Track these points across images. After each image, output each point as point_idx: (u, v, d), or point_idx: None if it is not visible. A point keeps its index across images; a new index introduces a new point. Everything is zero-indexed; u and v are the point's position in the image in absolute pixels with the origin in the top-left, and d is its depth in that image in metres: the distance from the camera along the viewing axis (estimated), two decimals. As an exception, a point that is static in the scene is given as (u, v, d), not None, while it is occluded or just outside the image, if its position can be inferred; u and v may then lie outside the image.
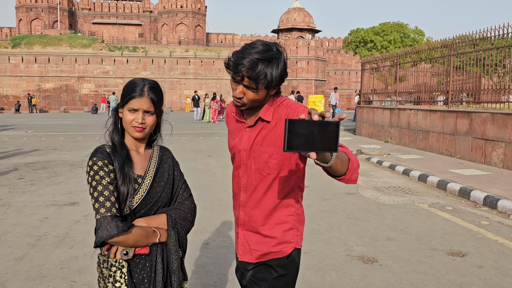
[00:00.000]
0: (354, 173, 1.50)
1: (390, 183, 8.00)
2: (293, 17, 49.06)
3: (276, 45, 1.66)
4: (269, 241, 1.82)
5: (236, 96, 1.67)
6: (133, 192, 1.65)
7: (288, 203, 1.82)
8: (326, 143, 1.20)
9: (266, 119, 1.73)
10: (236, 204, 1.95)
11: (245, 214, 1.86)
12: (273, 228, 1.81)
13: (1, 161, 10.33)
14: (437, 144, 11.18)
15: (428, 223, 5.42)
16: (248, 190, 1.84)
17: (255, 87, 1.61)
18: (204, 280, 3.66)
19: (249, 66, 1.57)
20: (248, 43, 1.67)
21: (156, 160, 1.78)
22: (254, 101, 1.68)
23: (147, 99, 1.66)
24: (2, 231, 4.95)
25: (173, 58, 48.18)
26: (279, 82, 1.67)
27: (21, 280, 3.63)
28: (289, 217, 1.83)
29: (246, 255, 1.87)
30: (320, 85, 46.95)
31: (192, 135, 17.38)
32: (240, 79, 1.62)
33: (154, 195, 1.70)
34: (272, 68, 1.60)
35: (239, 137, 1.82)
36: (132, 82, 1.70)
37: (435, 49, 12.02)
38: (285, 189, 1.79)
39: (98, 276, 1.74)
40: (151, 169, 1.74)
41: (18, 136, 16.71)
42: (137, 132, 1.68)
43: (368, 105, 16.25)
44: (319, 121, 1.17)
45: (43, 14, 58.59)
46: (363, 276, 3.77)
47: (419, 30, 36.71)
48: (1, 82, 45.41)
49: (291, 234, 1.84)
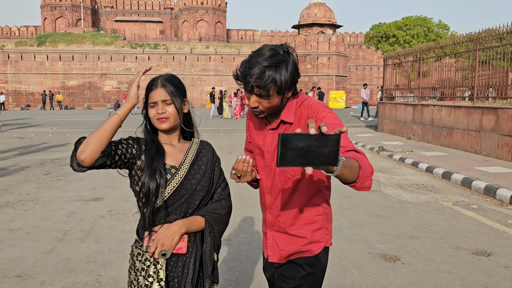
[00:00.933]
0: (367, 180, 1.43)
1: (413, 180, 7.89)
2: (314, 12, 48.65)
3: (283, 47, 1.63)
4: (298, 241, 1.81)
5: (252, 106, 1.66)
6: (164, 183, 1.66)
7: (316, 203, 1.80)
8: (325, 157, 1.14)
9: (288, 121, 1.72)
10: (262, 205, 1.94)
11: (272, 216, 1.85)
12: (302, 228, 1.80)
13: (29, 156, 10.63)
14: (462, 141, 10.96)
15: (452, 221, 5.33)
16: (273, 193, 1.82)
17: (266, 95, 1.59)
18: (227, 276, 3.69)
19: (257, 76, 1.55)
20: (254, 51, 1.65)
21: (193, 153, 1.78)
22: (270, 108, 1.66)
23: (161, 89, 1.68)
24: (30, 225, 5.11)
25: (194, 54, 48.49)
26: (292, 85, 1.63)
27: (49, 273, 3.74)
28: (318, 216, 1.81)
29: (275, 256, 1.86)
30: (341, 81, 46.51)
31: (212, 131, 17.48)
32: (251, 89, 1.61)
33: (188, 187, 1.70)
34: (281, 72, 1.56)
35: (262, 139, 1.81)
36: (150, 80, 1.75)
37: (460, 44, 11.75)
38: (311, 190, 1.77)
39: (129, 267, 1.76)
40: (187, 161, 1.75)
41: (44, 133, 17.14)
42: (162, 123, 1.69)
43: (391, 101, 16.03)
44: (316, 135, 1.12)
45: (67, 12, 59.75)
46: (385, 274, 3.74)
47: (443, 24, 35.94)
48: (27, 80, 46.56)
49: (320, 233, 1.83)
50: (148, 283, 1.65)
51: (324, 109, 1.66)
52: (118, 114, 1.59)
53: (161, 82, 1.70)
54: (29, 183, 7.47)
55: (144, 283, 1.66)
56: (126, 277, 3.55)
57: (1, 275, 3.67)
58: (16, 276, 3.66)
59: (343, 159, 1.25)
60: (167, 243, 1.64)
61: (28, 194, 6.68)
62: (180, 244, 1.67)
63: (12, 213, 5.59)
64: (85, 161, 1.51)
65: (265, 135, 1.79)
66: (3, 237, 4.66)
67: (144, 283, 1.66)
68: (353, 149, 1.50)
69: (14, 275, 3.68)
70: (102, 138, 1.53)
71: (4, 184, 7.37)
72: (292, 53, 1.64)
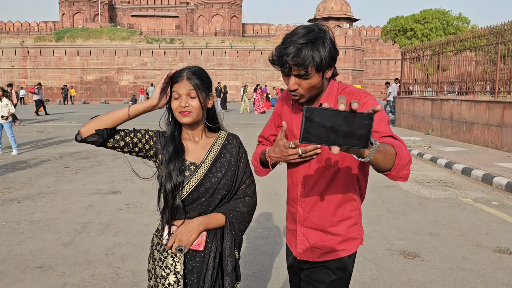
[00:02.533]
0: (403, 169, 1.32)
1: (432, 176, 7.77)
2: (330, 5, 48.19)
3: (318, 25, 1.55)
4: (333, 239, 1.71)
5: (291, 89, 1.56)
6: (181, 182, 1.63)
7: (351, 197, 1.70)
8: (354, 138, 1.02)
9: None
10: (292, 198, 1.81)
11: (304, 210, 1.73)
12: (337, 224, 1.70)
13: (48, 150, 10.80)
14: (482, 136, 10.74)
15: (472, 218, 5.23)
16: (307, 184, 1.71)
17: (305, 73, 1.50)
18: (244, 271, 3.69)
19: (293, 54, 1.47)
20: (288, 33, 1.56)
21: (217, 149, 1.73)
22: (310, 89, 1.57)
23: (187, 82, 1.63)
24: (50, 217, 5.19)
25: (209, 49, 48.53)
26: (331, 62, 1.53)
27: (69, 264, 3.79)
28: (353, 212, 1.72)
29: (306, 254, 1.76)
30: (358, 75, 46.06)
31: (228, 126, 17.47)
32: (288, 70, 1.52)
33: (208, 185, 1.66)
34: (318, 48, 1.48)
35: (297, 127, 1.70)
36: (176, 72, 1.69)
37: (480, 37, 11.49)
38: (348, 182, 1.68)
39: (148, 255, 1.76)
40: (209, 158, 1.70)
41: (62, 127, 17.40)
42: (184, 117, 1.64)
43: (408, 95, 15.79)
44: (346, 111, 1.01)
45: (84, 8, 60.35)
46: (404, 271, 3.69)
47: (463, 17, 35.25)
48: (46, 75, 47.27)
49: (355, 230, 1.74)
50: (165, 274, 1.65)
51: (367, 96, 1.58)
52: (129, 108, 1.61)
53: (187, 75, 1.64)
54: (49, 176, 7.59)
55: (160, 274, 1.66)
56: (144, 270, 3.58)
57: (23, 266, 3.74)
58: (37, 267, 3.72)
59: (377, 143, 1.15)
60: (185, 239, 1.62)
61: (47, 187, 6.79)
62: (198, 240, 1.65)
63: (32, 206, 5.69)
64: (81, 133, 1.60)
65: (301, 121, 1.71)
66: (24, 229, 4.74)
67: (161, 274, 1.65)
68: (391, 135, 1.40)
69: (35, 266, 3.74)
70: (101, 119, 1.61)
71: (25, 177, 7.50)
72: (327, 30, 1.55)
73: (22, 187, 6.77)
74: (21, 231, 4.67)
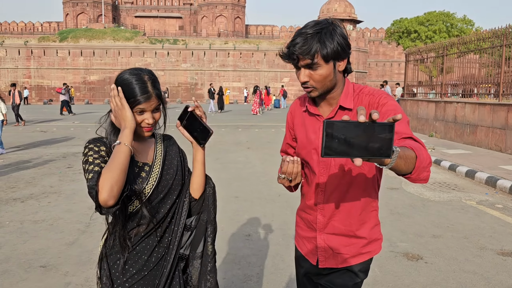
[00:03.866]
0: (424, 171, 1.31)
1: (435, 178, 7.75)
2: (334, 7, 48.19)
3: (328, 19, 1.55)
4: (357, 242, 1.69)
5: (302, 81, 1.55)
6: (143, 183, 1.54)
7: (371, 198, 1.70)
8: (375, 148, 1.02)
9: (348, 107, 1.59)
10: (309, 205, 1.76)
11: (324, 217, 1.70)
12: (360, 228, 1.68)
13: (51, 150, 10.83)
14: (486, 138, 10.70)
15: (476, 221, 5.21)
16: (327, 190, 1.68)
17: (311, 61, 1.49)
18: (246, 271, 3.69)
19: (300, 44, 1.48)
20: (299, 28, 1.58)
21: (162, 148, 1.68)
22: (322, 81, 1.54)
23: (154, 99, 1.53)
24: (54, 217, 5.20)
25: (213, 50, 48.59)
26: (341, 53, 1.51)
27: (73, 264, 3.80)
28: (373, 212, 1.72)
29: (329, 261, 1.72)
30: (361, 77, 46.02)
31: (231, 127, 17.51)
32: (297, 61, 1.52)
33: (165, 184, 1.60)
34: (326, 37, 1.47)
35: (315, 132, 1.66)
36: (130, 81, 1.52)
37: (484, 39, 11.46)
38: (369, 184, 1.67)
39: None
40: (158, 157, 1.63)
41: (66, 127, 17.44)
42: (148, 132, 1.58)
43: (412, 97, 15.76)
44: (366, 123, 1.00)
45: (88, 8, 60.58)
46: (407, 273, 3.69)
47: (468, 19, 35.19)
48: (50, 75, 47.43)
49: (377, 231, 1.74)
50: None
51: (387, 96, 1.57)
52: (127, 144, 1.45)
53: (152, 89, 1.53)
54: (52, 176, 7.61)
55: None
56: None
57: (27, 265, 3.75)
58: (41, 267, 3.73)
59: (398, 150, 1.13)
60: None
61: (51, 186, 6.81)
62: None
63: (36, 205, 5.71)
64: (114, 203, 1.38)
65: (318, 127, 1.65)
66: (28, 228, 4.76)
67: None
68: (410, 137, 1.38)
69: (39, 266, 3.75)
70: (122, 175, 1.40)
71: (29, 177, 7.52)
72: (337, 23, 1.54)
73: (25, 186, 6.80)
74: (24, 231, 4.68)
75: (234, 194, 6.33)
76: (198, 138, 1.64)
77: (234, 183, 7.12)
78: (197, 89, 47.03)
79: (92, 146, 1.50)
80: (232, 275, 3.63)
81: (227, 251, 4.14)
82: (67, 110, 25.06)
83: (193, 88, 48.17)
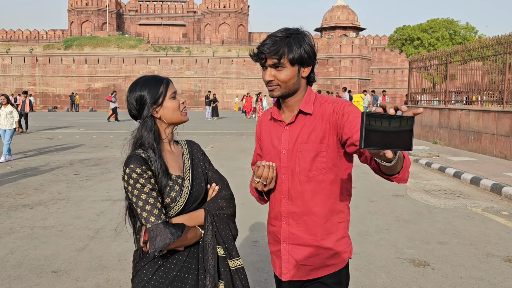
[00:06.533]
0: (407, 171, 1.38)
1: (440, 185, 7.78)
2: (337, 15, 48.41)
3: (298, 28, 1.63)
4: (321, 253, 1.64)
5: (266, 80, 1.61)
6: (177, 196, 1.57)
7: (339, 208, 1.66)
8: (400, 140, 1.06)
9: (307, 111, 1.62)
10: (274, 216, 1.74)
11: (288, 226, 1.67)
12: (325, 238, 1.64)
13: (58, 157, 10.92)
14: (491, 146, 10.73)
15: (482, 227, 5.24)
16: (291, 197, 1.65)
17: (277, 61, 1.56)
18: (255, 277, 3.73)
19: (270, 45, 1.56)
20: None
21: (188, 157, 1.69)
22: (286, 81, 1.59)
23: (172, 83, 1.65)
24: (63, 223, 5.26)
25: (216, 57, 48.86)
26: (306, 59, 1.59)
27: (83, 269, 3.85)
28: (341, 224, 1.68)
29: (293, 273, 1.67)
30: (364, 84, 46.09)
31: (235, 134, 17.58)
32: (265, 61, 1.59)
33: (196, 194, 1.62)
34: (294, 42, 1.56)
35: (278, 138, 1.68)
36: (152, 78, 1.63)
37: (488, 47, 11.52)
38: (335, 193, 1.64)
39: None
40: (187, 168, 1.65)
41: (71, 134, 17.57)
42: (185, 115, 1.66)
43: (415, 105, 15.81)
44: (395, 116, 1.05)
45: (92, 16, 61.08)
46: (414, 280, 3.72)
47: (471, 26, 35.27)
48: (54, 82, 47.76)
49: (344, 243, 1.69)
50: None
51: (351, 104, 1.60)
52: (199, 230, 1.59)
53: (167, 81, 1.66)
54: (60, 183, 7.68)
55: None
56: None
57: (39, 270, 3.81)
58: (52, 272, 3.78)
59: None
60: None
61: (59, 193, 6.88)
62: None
63: (45, 211, 5.77)
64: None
65: (281, 133, 1.68)
66: (38, 234, 4.82)
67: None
68: None
69: (50, 271, 3.80)
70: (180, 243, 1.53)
71: (36, 183, 7.60)
72: (307, 33, 1.62)
73: (34, 193, 6.87)
74: (35, 236, 4.74)
75: (241, 201, 6.37)
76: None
77: (241, 190, 7.14)
78: (200, 96, 47.21)
79: (140, 172, 1.49)
80: (241, 280, 3.66)
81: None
82: (115, 117, 26.05)
83: (196, 95, 48.38)
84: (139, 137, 1.59)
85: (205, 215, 1.61)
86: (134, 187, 1.48)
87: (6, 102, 10.52)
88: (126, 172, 1.49)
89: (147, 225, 1.45)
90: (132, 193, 1.48)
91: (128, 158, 1.53)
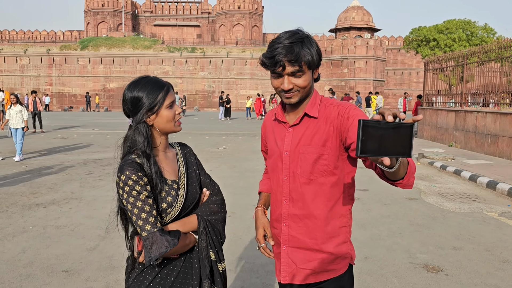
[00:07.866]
0: (412, 177, 1.35)
1: (455, 189, 7.63)
2: (352, 15, 48.11)
3: (300, 30, 1.59)
4: (321, 258, 1.62)
5: (286, 89, 1.55)
6: (173, 201, 1.56)
7: (340, 212, 1.64)
8: (399, 147, 1.06)
9: (313, 115, 1.60)
10: (275, 218, 1.72)
11: (289, 228, 1.65)
12: (326, 242, 1.62)
13: (72, 156, 11.05)
14: (508, 149, 10.51)
15: (498, 233, 5.12)
16: (293, 199, 1.64)
17: (299, 69, 1.52)
18: (264, 280, 3.70)
19: (286, 51, 1.49)
20: (273, 39, 1.59)
21: (183, 160, 1.68)
22: (305, 87, 1.57)
23: (172, 91, 1.61)
24: (75, 222, 5.30)
25: (230, 58, 48.97)
26: (318, 62, 1.58)
27: (93, 269, 3.86)
28: (342, 229, 1.65)
29: (290, 276, 1.66)
30: (379, 85, 45.70)
31: (248, 135, 17.57)
32: (282, 69, 1.52)
33: (191, 198, 1.61)
34: (308, 46, 1.53)
35: (281, 139, 1.67)
36: (153, 82, 1.57)
37: (506, 48, 11.30)
38: (336, 196, 1.62)
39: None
40: (182, 172, 1.63)
41: (86, 134, 17.76)
42: (179, 125, 1.62)
43: (431, 106, 15.59)
44: (393, 123, 1.04)
45: (108, 17, 61.87)
46: (427, 285, 3.64)
47: (489, 28, 34.69)
48: (70, 82, 48.45)
49: (345, 248, 1.65)
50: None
51: (356, 108, 1.59)
52: (192, 235, 1.58)
53: (168, 87, 1.62)
54: (73, 182, 7.76)
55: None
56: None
57: (50, 270, 3.84)
58: (63, 271, 3.81)
59: None
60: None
61: (72, 192, 6.94)
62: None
63: (58, 211, 5.82)
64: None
65: (284, 134, 1.67)
66: (50, 234, 4.86)
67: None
68: None
69: (61, 270, 3.83)
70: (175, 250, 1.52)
71: (50, 183, 7.69)
72: (309, 34, 1.60)
73: (47, 192, 6.94)
74: (47, 236, 4.79)
75: (252, 202, 6.34)
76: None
77: (252, 191, 7.14)
78: (214, 97, 47.36)
79: (136, 179, 1.46)
80: (250, 283, 3.64)
81: (245, 260, 4.15)
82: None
83: (210, 96, 48.56)
84: (133, 142, 1.55)
85: (198, 221, 1.59)
86: (130, 194, 1.45)
87: (16, 102, 10.69)
88: (122, 179, 1.46)
89: (142, 233, 1.44)
90: (127, 200, 1.46)
91: (123, 164, 1.50)
